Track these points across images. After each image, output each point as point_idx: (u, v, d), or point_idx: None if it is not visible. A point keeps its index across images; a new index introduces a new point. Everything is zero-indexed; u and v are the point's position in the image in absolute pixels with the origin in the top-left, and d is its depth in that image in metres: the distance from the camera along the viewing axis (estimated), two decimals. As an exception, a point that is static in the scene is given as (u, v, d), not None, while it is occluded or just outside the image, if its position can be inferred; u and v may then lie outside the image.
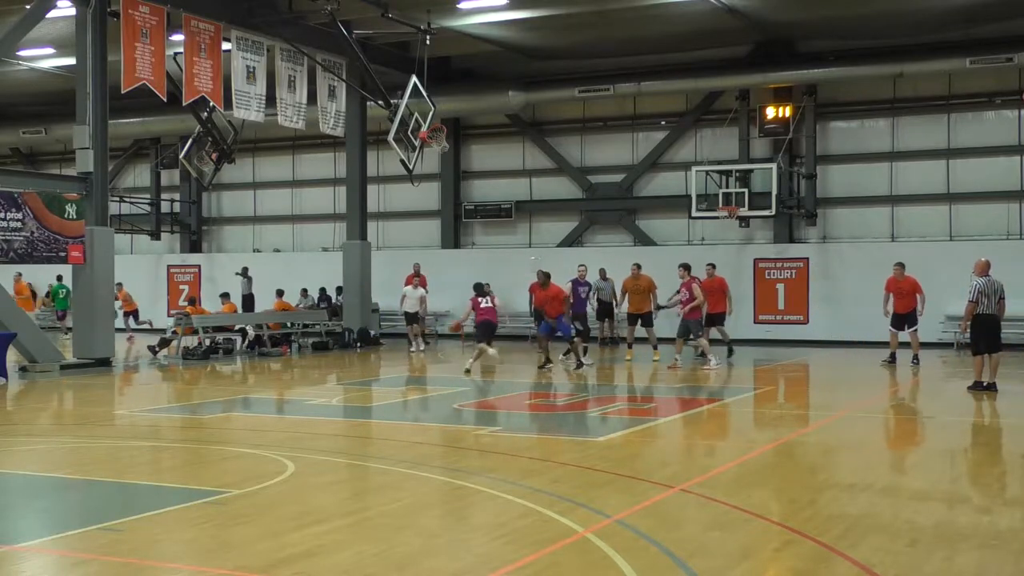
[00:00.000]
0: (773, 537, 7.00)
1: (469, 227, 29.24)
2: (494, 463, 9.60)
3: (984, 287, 14.43)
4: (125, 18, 18.86)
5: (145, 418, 13.39)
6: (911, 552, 6.57)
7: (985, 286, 14.44)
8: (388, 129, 21.52)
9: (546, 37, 24.84)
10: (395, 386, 16.67)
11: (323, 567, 6.24)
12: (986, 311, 14.48)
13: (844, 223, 25.55)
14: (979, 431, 12.17)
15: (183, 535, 7.12)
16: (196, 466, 9.91)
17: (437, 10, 22.05)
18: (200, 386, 17.54)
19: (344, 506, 8.10)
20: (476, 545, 6.81)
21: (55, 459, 10.32)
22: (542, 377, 17.58)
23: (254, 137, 29.46)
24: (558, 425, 12.93)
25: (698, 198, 24.68)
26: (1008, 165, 24.17)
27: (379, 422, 13.50)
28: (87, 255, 19.47)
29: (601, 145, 27.86)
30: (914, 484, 9.02)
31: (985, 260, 14.76)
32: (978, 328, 14.58)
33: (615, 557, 6.37)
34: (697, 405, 14.47)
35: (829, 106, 25.64)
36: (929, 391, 16.56)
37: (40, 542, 6.93)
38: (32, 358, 18.78)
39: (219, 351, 22.28)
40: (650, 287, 20.51)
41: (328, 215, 30.64)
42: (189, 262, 32.26)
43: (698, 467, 9.57)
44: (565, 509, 7.62)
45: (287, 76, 22.37)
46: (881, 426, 12.93)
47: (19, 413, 14.20)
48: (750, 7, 22.30)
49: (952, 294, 22.70)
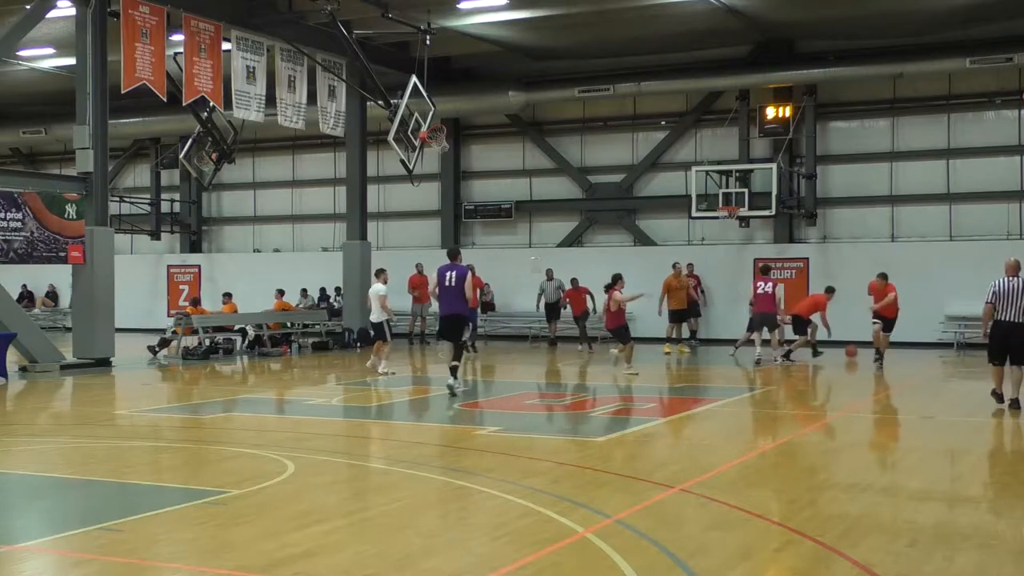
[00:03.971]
0: (773, 537, 7.00)
1: (469, 227, 29.23)
2: (494, 463, 9.60)
3: (1000, 288, 12.66)
4: (125, 18, 18.87)
5: (145, 418, 13.39)
6: (911, 552, 6.57)
7: (1002, 287, 12.65)
8: (388, 129, 21.52)
9: (546, 37, 24.84)
10: (395, 386, 16.66)
11: (323, 567, 6.24)
12: (1006, 318, 12.62)
13: (844, 223, 25.54)
14: (979, 431, 12.16)
15: (183, 535, 7.11)
16: (196, 466, 9.90)
17: (437, 10, 22.05)
18: (200, 386, 17.55)
19: (344, 506, 8.10)
20: (476, 545, 6.81)
21: (55, 459, 10.31)
22: None
23: (254, 137, 29.44)
24: (558, 425, 12.93)
25: (698, 198, 24.70)
26: (1008, 165, 24.16)
27: (379, 422, 13.50)
28: (87, 255, 19.47)
29: (601, 145, 27.85)
30: (914, 484, 9.01)
31: (1015, 260, 12.89)
32: (993, 335, 12.94)
33: (615, 557, 6.37)
34: (697, 405, 14.46)
35: (829, 106, 25.64)
36: (929, 391, 16.55)
37: (40, 542, 6.93)
38: (32, 358, 18.79)
39: (219, 351, 22.30)
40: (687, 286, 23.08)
41: (328, 215, 30.63)
42: (189, 262, 32.26)
43: (698, 467, 9.56)
44: (565, 509, 7.61)
45: (287, 76, 22.38)
46: (881, 426, 12.92)
47: (19, 413, 14.20)
48: (750, 7, 22.30)
49: (952, 294, 22.74)
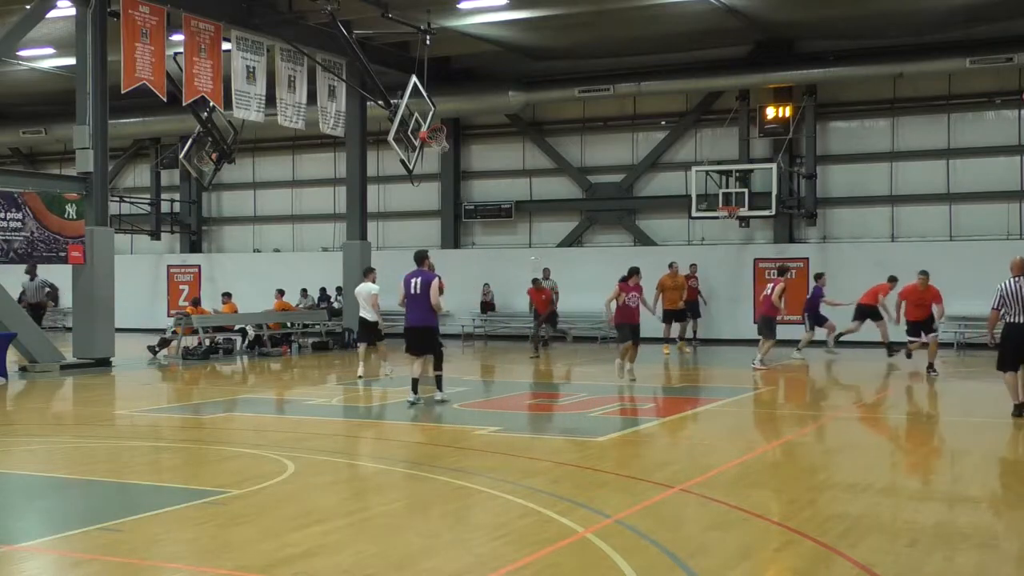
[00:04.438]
0: (773, 537, 7.00)
1: (469, 227, 29.23)
2: (494, 463, 9.60)
3: (1008, 290, 12.11)
4: (125, 18, 18.86)
5: (145, 418, 13.38)
6: (911, 552, 6.57)
7: (1010, 289, 12.10)
8: (388, 129, 21.51)
9: (546, 37, 24.84)
10: (395, 386, 16.65)
11: (323, 567, 6.24)
12: (1016, 319, 12.06)
13: (844, 223, 25.54)
14: (979, 431, 12.16)
15: (183, 535, 7.11)
16: (196, 466, 9.91)
17: (437, 10, 22.05)
18: (200, 386, 17.55)
19: (344, 506, 8.10)
20: (476, 545, 6.81)
21: (55, 459, 10.31)
22: None
23: (254, 137, 29.44)
24: (558, 425, 12.92)
25: (698, 198, 24.70)
26: (1008, 165, 24.16)
27: (379, 422, 13.50)
28: (87, 255, 19.47)
29: (601, 145, 27.85)
30: (914, 484, 9.02)
31: (1021, 259, 12.37)
32: (1004, 340, 12.34)
33: (615, 557, 6.37)
34: (697, 405, 14.46)
35: (829, 106, 25.63)
36: (929, 391, 16.54)
37: (40, 542, 6.93)
38: (32, 358, 18.79)
39: (219, 351, 22.30)
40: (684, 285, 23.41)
41: (328, 215, 30.63)
42: (189, 262, 32.25)
43: (698, 467, 9.56)
44: (565, 509, 7.61)
45: (287, 76, 22.37)
46: (881, 426, 12.92)
47: (19, 413, 14.20)
48: (750, 7, 22.30)
49: (952, 294, 22.68)
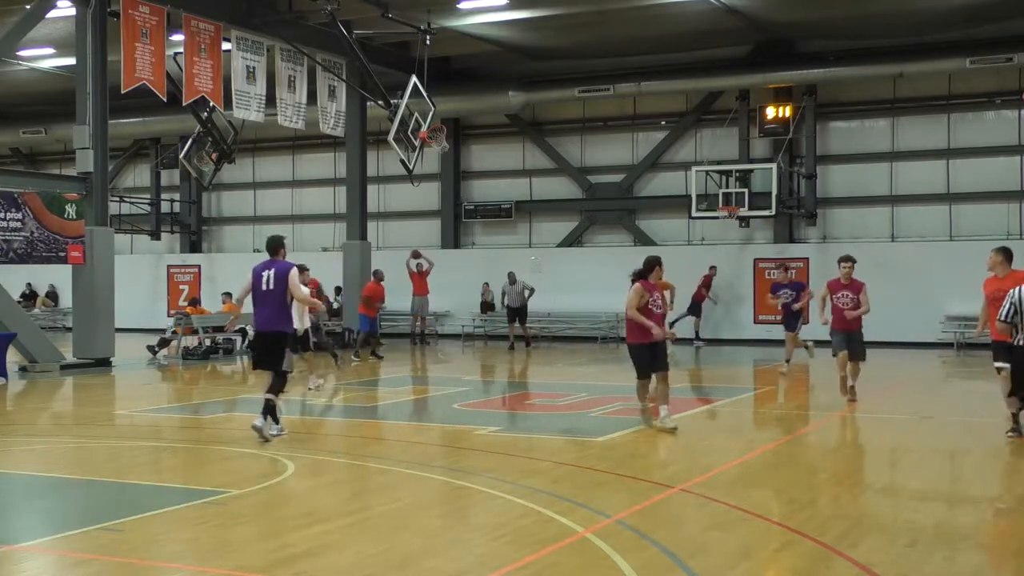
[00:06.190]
0: (773, 537, 7.00)
1: (469, 227, 29.23)
2: (494, 463, 9.60)
3: (1020, 297, 9.93)
4: (125, 18, 18.86)
5: (145, 418, 13.39)
6: (911, 552, 6.57)
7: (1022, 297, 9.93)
8: (388, 129, 21.52)
9: (546, 37, 24.83)
10: (395, 386, 16.66)
11: (323, 567, 6.24)
12: None
13: (844, 223, 25.54)
14: (979, 431, 12.15)
15: (183, 535, 7.11)
16: (196, 466, 9.91)
17: (437, 10, 22.05)
18: (200, 386, 17.55)
19: (344, 506, 8.10)
20: (476, 545, 6.81)
21: (55, 459, 10.31)
22: None
23: (254, 137, 29.44)
24: (558, 425, 12.92)
25: (698, 198, 24.71)
26: (1008, 165, 24.17)
27: (379, 422, 13.50)
28: (87, 255, 19.47)
29: (601, 145, 27.85)
30: (914, 484, 9.01)
31: None
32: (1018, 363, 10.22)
33: (615, 557, 6.37)
34: (697, 405, 14.46)
35: (829, 106, 25.64)
36: (929, 391, 16.54)
37: (40, 542, 6.93)
38: (32, 358, 18.79)
39: (219, 351, 22.29)
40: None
41: (328, 215, 30.63)
42: (189, 262, 32.24)
43: (698, 467, 9.56)
44: (565, 509, 7.61)
45: (287, 76, 22.37)
46: (881, 426, 12.91)
47: (19, 413, 14.20)
48: (750, 7, 22.30)
49: (952, 294, 22.71)
